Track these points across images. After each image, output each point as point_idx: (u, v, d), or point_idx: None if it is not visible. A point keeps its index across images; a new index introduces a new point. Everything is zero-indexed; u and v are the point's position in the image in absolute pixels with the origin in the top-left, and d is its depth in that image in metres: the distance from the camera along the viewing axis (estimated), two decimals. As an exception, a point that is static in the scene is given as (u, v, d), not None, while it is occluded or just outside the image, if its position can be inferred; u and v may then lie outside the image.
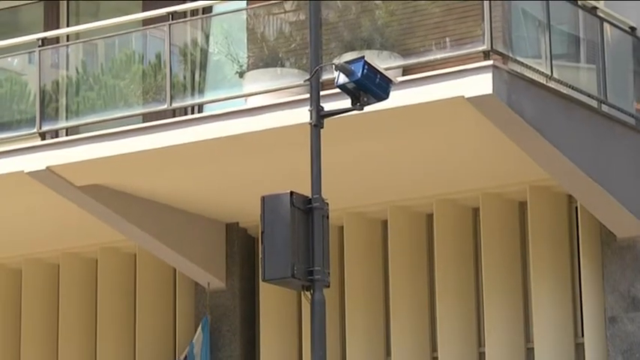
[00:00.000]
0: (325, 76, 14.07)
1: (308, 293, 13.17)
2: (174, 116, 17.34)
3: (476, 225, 18.61)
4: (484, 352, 18.05)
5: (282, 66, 17.03)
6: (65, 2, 20.99)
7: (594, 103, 16.84)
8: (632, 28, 17.65)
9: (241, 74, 17.44)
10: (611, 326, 17.26)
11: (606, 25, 17.39)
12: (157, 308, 20.21)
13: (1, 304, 21.10)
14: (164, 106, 17.44)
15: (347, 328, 18.59)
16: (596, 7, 17.34)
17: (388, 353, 18.64)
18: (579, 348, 17.72)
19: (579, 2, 17.39)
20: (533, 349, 17.84)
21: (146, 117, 17.71)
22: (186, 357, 19.02)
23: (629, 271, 17.28)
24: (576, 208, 17.74)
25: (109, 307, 20.41)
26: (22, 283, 21.13)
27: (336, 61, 13.93)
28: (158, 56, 18.05)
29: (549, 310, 17.80)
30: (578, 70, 17.14)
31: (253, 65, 17.40)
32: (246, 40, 17.80)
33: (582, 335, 17.67)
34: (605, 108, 16.95)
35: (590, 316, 17.58)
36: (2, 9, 21.52)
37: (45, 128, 18.10)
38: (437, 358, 18.36)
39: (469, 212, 18.65)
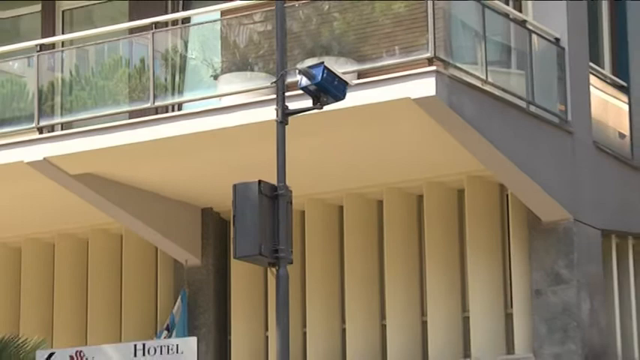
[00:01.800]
0: (289, 79, 13.92)
1: (273, 269, 13.32)
2: (156, 113, 17.55)
3: (420, 210, 18.69)
4: (426, 321, 18.17)
5: (252, 70, 17.11)
6: (60, 12, 21.01)
7: (524, 104, 17.04)
8: (557, 39, 17.71)
9: (216, 77, 17.55)
10: (536, 298, 17.43)
11: (534, 36, 17.53)
12: (141, 282, 20.24)
13: (1, 278, 21.14)
14: (148, 105, 17.60)
15: (307, 299, 18.73)
16: (525, 20, 17.53)
17: (343, 321, 18.74)
18: (509, 317, 17.90)
19: (511, 16, 17.66)
20: (469, 317, 17.99)
21: (132, 114, 17.74)
22: (168, 325, 18.87)
23: (553, 250, 17.44)
24: (507, 195, 17.94)
25: (98, 281, 20.44)
26: (22, 260, 21.18)
27: (299, 66, 14.32)
28: (142, 60, 18.05)
29: (483, 284, 17.95)
30: (509, 75, 17.20)
31: (226, 69, 17.47)
32: (220, 47, 17.85)
33: (511, 306, 17.89)
34: (533, 108, 17.14)
35: (519, 290, 17.82)
36: (4, 18, 21.60)
37: (42, 123, 18.22)
38: (385, 325, 18.44)
39: (414, 199, 18.73)
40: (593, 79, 18.90)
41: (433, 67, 15.37)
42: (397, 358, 18.37)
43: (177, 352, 13.97)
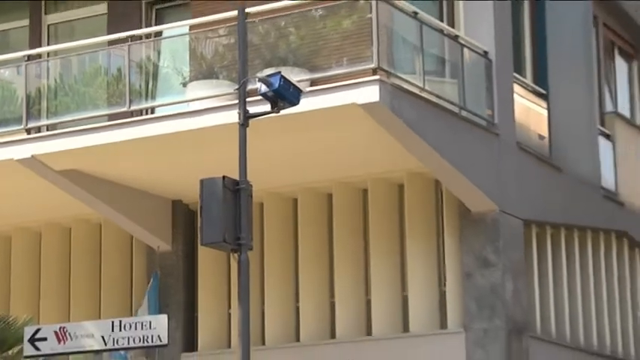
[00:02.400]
0: (250, 87, 14.08)
1: (235, 255, 13.52)
2: (132, 116, 17.47)
3: (365, 202, 18.80)
4: (370, 300, 18.38)
5: (217, 78, 17.14)
6: (46, 26, 21.03)
7: (456, 109, 17.23)
8: (485, 52, 17.90)
9: (185, 84, 17.61)
10: (467, 280, 17.68)
11: (465, 50, 17.73)
12: (118, 266, 20.32)
13: None
14: (124, 108, 17.60)
15: (265, 281, 18.88)
16: (457, 36, 17.77)
17: (297, 300, 18.89)
18: (443, 296, 18.12)
19: (445, 32, 17.77)
20: (407, 297, 18.17)
21: (110, 117, 17.74)
22: (141, 306, 19.01)
23: (481, 238, 17.66)
24: (441, 189, 18.08)
25: (79, 265, 20.51)
26: (12, 247, 21.18)
27: (258, 74, 14.39)
28: (119, 69, 18.05)
29: (420, 268, 18.15)
30: (444, 84, 17.38)
31: (194, 77, 17.51)
32: (188, 58, 17.89)
33: (445, 287, 18.11)
34: (464, 113, 17.33)
35: (451, 272, 18.02)
36: None
37: (30, 125, 18.19)
38: (334, 303, 18.60)
39: (360, 193, 18.85)
40: (516, 88, 19.14)
41: (377, 77, 15.51)
42: (345, 332, 18.47)
43: (150, 327, 14.01)
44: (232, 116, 14.30)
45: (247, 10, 15.04)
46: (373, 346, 17.74)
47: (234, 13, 14.97)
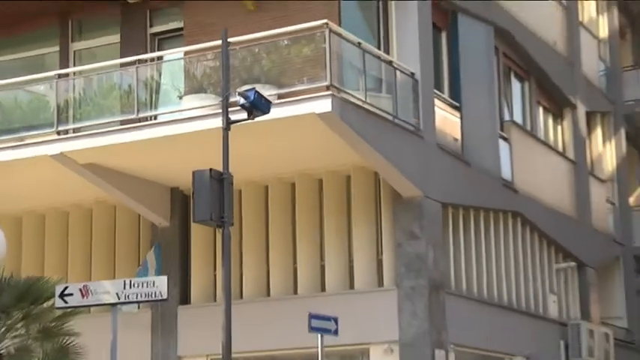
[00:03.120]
0: (232, 99, 14.12)
1: (220, 229, 13.60)
2: (139, 122, 17.41)
3: (320, 189, 18.72)
4: (324, 264, 18.38)
5: (205, 92, 17.07)
6: (73, 51, 20.89)
7: (391, 118, 17.24)
8: (412, 73, 17.89)
9: (180, 97, 17.52)
10: (398, 249, 17.70)
11: (397, 71, 17.76)
12: (129, 238, 20.18)
13: (30, 238, 20.77)
14: (133, 116, 17.48)
15: (243, 251, 18.83)
16: (391, 61, 17.79)
17: (268, 265, 18.84)
18: (380, 261, 18.14)
19: (382, 58, 17.77)
20: (353, 262, 18.22)
21: (122, 122, 17.59)
22: (140, 267, 19.12)
23: (409, 217, 17.65)
24: (379, 179, 18.03)
25: (99, 238, 20.29)
26: (45, 224, 20.85)
27: (238, 90, 14.39)
28: (129, 85, 17.90)
29: (363, 240, 18.21)
30: (381, 98, 17.31)
31: (188, 92, 17.44)
32: (183, 77, 17.77)
33: (382, 254, 18.13)
34: (397, 121, 17.32)
35: (386, 243, 18.03)
36: (33, 55, 21.49)
37: (60, 128, 18.03)
38: (296, 267, 18.57)
39: (316, 182, 18.78)
40: (437, 101, 19.13)
41: (329, 92, 15.50)
42: (304, 289, 18.46)
43: (153, 286, 13.89)
44: (217, 122, 14.27)
45: (229, 40, 14.97)
46: (326, 300, 17.68)
47: (219, 42, 14.88)
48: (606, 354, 23.87)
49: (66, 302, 14.03)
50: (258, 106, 13.74)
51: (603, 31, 29.41)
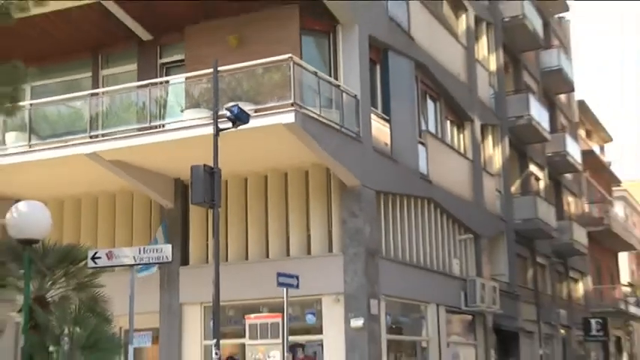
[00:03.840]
0: (220, 112, 14.08)
1: (211, 210, 13.71)
2: (151, 129, 17.24)
3: (286, 182, 18.59)
4: (289, 236, 18.28)
5: (201, 107, 16.84)
6: (102, 77, 20.65)
7: (338, 127, 17.14)
8: (355, 95, 17.92)
9: (182, 110, 17.32)
10: (343, 224, 17.67)
11: (344, 93, 17.74)
12: (143, 218, 19.94)
13: (69, 218, 20.46)
14: (146, 124, 17.32)
15: (228, 225, 18.56)
16: (339, 85, 17.75)
17: (246, 236, 18.68)
18: (330, 234, 18.05)
19: (333, 83, 17.70)
20: (310, 234, 18.14)
21: (138, 129, 17.37)
22: (152, 239, 18.84)
23: (352, 201, 17.64)
24: (330, 173, 17.94)
25: (120, 218, 20.06)
26: (81, 207, 20.63)
27: (225, 105, 14.35)
28: (144, 102, 17.71)
29: (318, 218, 18.14)
30: (332, 113, 17.18)
31: (188, 107, 17.24)
32: (184, 95, 17.58)
33: (332, 228, 18.07)
34: (343, 130, 17.23)
35: (335, 221, 17.96)
36: (71, 79, 21.17)
37: (91, 133, 17.88)
38: (268, 238, 18.47)
39: (283, 175, 18.60)
40: (372, 115, 19.08)
41: (293, 108, 15.49)
42: (274, 254, 18.39)
43: (161, 252, 13.84)
44: (209, 130, 14.22)
45: (219, 68, 14.91)
46: (290, 262, 17.58)
47: (211, 70, 14.86)
48: (493, 300, 24.24)
49: (95, 263, 13.94)
50: (240, 117, 13.84)
51: (492, 66, 29.65)
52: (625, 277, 51.67)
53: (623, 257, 52.56)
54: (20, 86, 10.59)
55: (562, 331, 35.55)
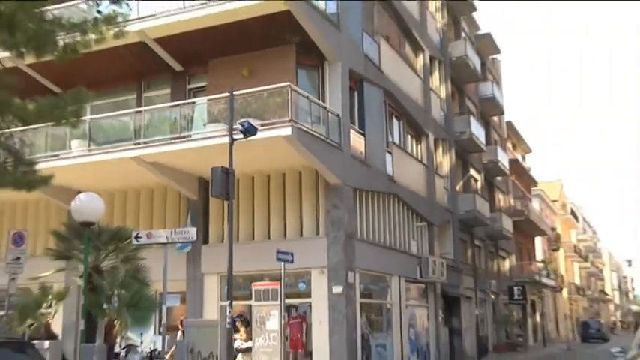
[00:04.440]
0: (234, 126, 14.01)
1: (226, 201, 13.62)
2: (180, 139, 17.13)
3: (284, 180, 18.41)
4: (285, 222, 18.16)
5: (219, 122, 16.67)
6: (143, 98, 20.52)
7: (324, 139, 17.09)
8: (338, 115, 17.84)
9: (205, 125, 17.18)
10: (328, 214, 17.57)
11: (329, 113, 17.63)
12: (174, 206, 19.75)
13: (118, 209, 20.16)
14: (177, 135, 17.25)
15: (240, 212, 18.43)
16: (326, 107, 17.66)
17: (253, 220, 18.51)
18: (317, 221, 17.93)
19: (321, 104, 17.63)
20: (302, 220, 18.01)
21: (171, 139, 17.24)
22: (182, 225, 18.65)
23: (334, 196, 17.52)
24: (318, 174, 17.80)
25: (156, 206, 19.86)
26: (126, 199, 20.38)
27: (238, 121, 14.24)
28: (175, 118, 17.63)
29: (308, 209, 18.00)
30: (320, 127, 17.11)
31: (209, 121, 17.11)
32: (206, 112, 17.43)
33: (319, 216, 17.95)
34: (329, 141, 17.18)
35: (321, 211, 17.76)
36: (120, 100, 20.85)
37: (136, 142, 17.78)
38: (270, 223, 18.28)
39: (281, 175, 18.45)
40: (351, 131, 19.00)
41: (290, 124, 15.44)
42: (274, 236, 18.22)
43: (188, 233, 13.80)
44: (225, 140, 14.18)
45: (234, 92, 14.88)
46: (286, 243, 17.46)
47: (227, 94, 14.83)
48: (441, 273, 24.22)
49: (137, 241, 13.92)
50: (249, 130, 13.80)
51: (443, 94, 29.67)
52: (539, 255, 51.97)
53: (538, 241, 52.85)
54: (82, 105, 10.63)
55: (492, 296, 35.68)
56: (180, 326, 15.90)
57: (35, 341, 11.57)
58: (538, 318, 47.13)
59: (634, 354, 8.47)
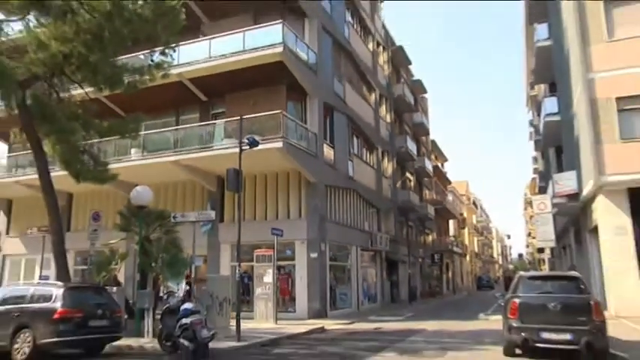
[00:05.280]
0: (243, 140, 13.73)
1: (237, 193, 13.29)
2: (205, 149, 16.97)
3: (277, 180, 18.29)
4: (277, 208, 17.97)
5: (232, 138, 16.47)
6: (180, 120, 20.08)
7: (306, 150, 17.15)
8: (315, 133, 17.87)
9: (222, 139, 17.04)
10: (307, 202, 17.53)
11: (309, 132, 17.66)
12: (199, 196, 19.41)
13: (160, 200, 19.52)
14: (203, 146, 17.10)
15: (246, 201, 18.26)
16: (307, 128, 17.67)
17: (255, 208, 18.31)
18: (300, 208, 17.78)
19: (304, 125, 17.61)
20: (289, 210, 17.87)
21: (198, 148, 17.09)
22: (205, 209, 18.45)
23: (313, 192, 17.52)
24: (301, 175, 17.75)
25: (186, 197, 19.54)
26: (168, 191, 19.78)
27: (246, 136, 14.05)
28: (202, 134, 17.45)
29: (294, 199, 17.86)
30: (302, 142, 17.08)
31: (225, 137, 16.97)
32: (223, 130, 17.29)
33: (302, 205, 17.72)
34: (308, 151, 17.19)
35: (303, 200, 17.66)
36: (164, 121, 20.54)
37: (174, 150, 17.53)
38: (267, 208, 18.14)
39: (275, 175, 18.32)
40: (324, 145, 19.09)
41: (282, 139, 15.49)
42: (269, 217, 18.11)
43: (209, 214, 13.75)
44: (236, 150, 13.75)
45: (243, 117, 14.76)
46: (278, 222, 17.40)
47: (238, 117, 14.56)
48: (386, 244, 24.43)
49: (175, 220, 13.83)
50: (253, 143, 13.59)
51: (388, 119, 29.86)
52: (452, 232, 52.78)
53: (452, 222, 53.67)
54: (139, 124, 10.71)
55: (420, 260, 36.15)
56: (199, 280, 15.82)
57: (107, 287, 11.74)
58: (450, 275, 47.99)
59: (508, 297, 8.89)
